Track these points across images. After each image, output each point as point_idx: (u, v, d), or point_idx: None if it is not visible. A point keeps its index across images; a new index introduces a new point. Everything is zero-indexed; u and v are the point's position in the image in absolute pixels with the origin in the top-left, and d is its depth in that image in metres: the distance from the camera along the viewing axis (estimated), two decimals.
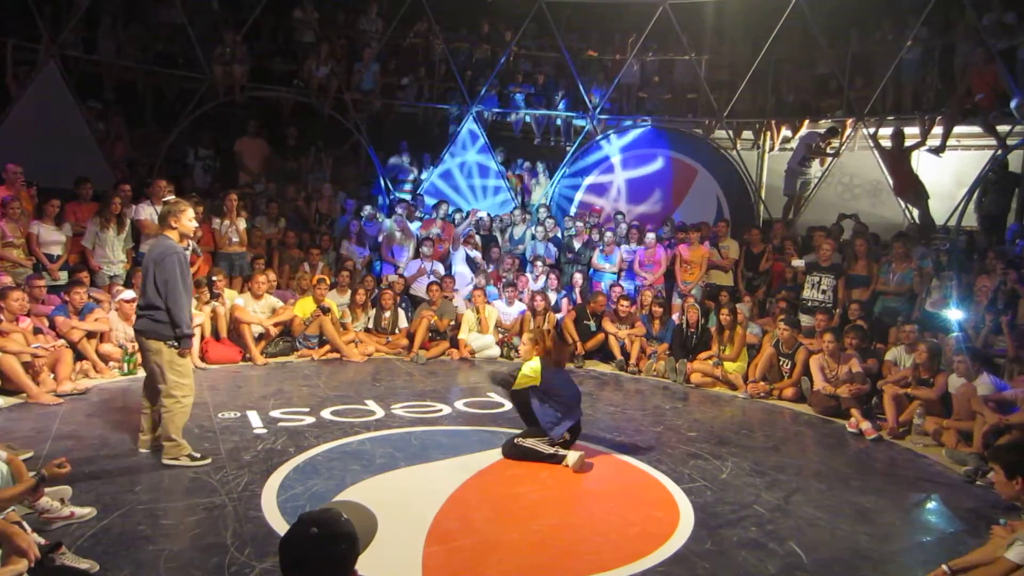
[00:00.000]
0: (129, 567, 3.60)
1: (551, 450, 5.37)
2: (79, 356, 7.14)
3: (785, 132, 13.24)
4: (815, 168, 12.18)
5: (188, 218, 5.10)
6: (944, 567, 3.64)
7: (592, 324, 9.32)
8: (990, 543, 3.71)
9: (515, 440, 5.48)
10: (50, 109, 9.73)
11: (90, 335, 7.31)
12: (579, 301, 9.91)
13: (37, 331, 6.84)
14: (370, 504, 2.27)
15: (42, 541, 3.41)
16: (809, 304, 8.68)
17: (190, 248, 8.45)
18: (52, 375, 6.62)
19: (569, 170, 13.07)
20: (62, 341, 6.94)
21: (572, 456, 5.32)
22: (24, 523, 3.45)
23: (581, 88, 13.27)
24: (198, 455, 5.04)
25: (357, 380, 7.80)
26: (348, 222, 10.73)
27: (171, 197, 5.69)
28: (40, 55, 9.84)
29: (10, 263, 7.58)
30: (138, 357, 7.21)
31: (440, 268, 10.20)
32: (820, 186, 12.09)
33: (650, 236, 10.44)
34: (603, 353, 9.28)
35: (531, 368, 5.49)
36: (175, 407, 4.98)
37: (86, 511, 4.07)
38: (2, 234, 7.58)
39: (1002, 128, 10.47)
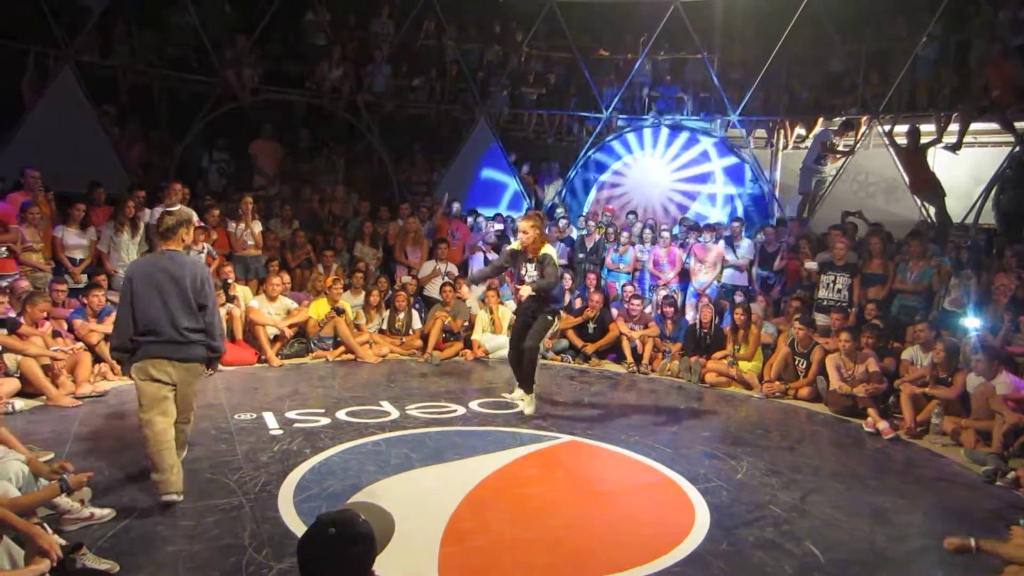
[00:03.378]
0: (148, 567, 3.63)
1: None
2: (97, 359, 7.19)
3: (799, 130, 13.17)
4: (830, 166, 12.10)
5: (194, 226, 5.28)
6: (972, 540, 3.61)
7: (591, 326, 9.31)
8: (1011, 543, 3.67)
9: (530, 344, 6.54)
10: (66, 114, 9.82)
11: (108, 338, 7.36)
12: (580, 304, 9.82)
13: (56, 334, 6.92)
14: (386, 505, 2.29)
15: (63, 542, 3.45)
16: (824, 303, 8.62)
17: (205, 250, 8.60)
18: (71, 378, 6.69)
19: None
20: (80, 344, 7.01)
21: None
22: (45, 524, 3.50)
23: (593, 88, 13.26)
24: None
25: (372, 381, 7.82)
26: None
27: (178, 206, 5.20)
28: (52, 60, 9.93)
29: (30, 267, 7.67)
30: None
31: (454, 269, 10.22)
32: (835, 184, 12.00)
33: (664, 235, 10.42)
34: (617, 353, 9.26)
35: (554, 252, 6.62)
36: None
37: (105, 512, 4.11)
38: (22, 239, 7.67)
39: (1019, 124, 10.35)
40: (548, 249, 6.55)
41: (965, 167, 11.39)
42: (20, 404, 6.14)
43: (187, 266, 4.43)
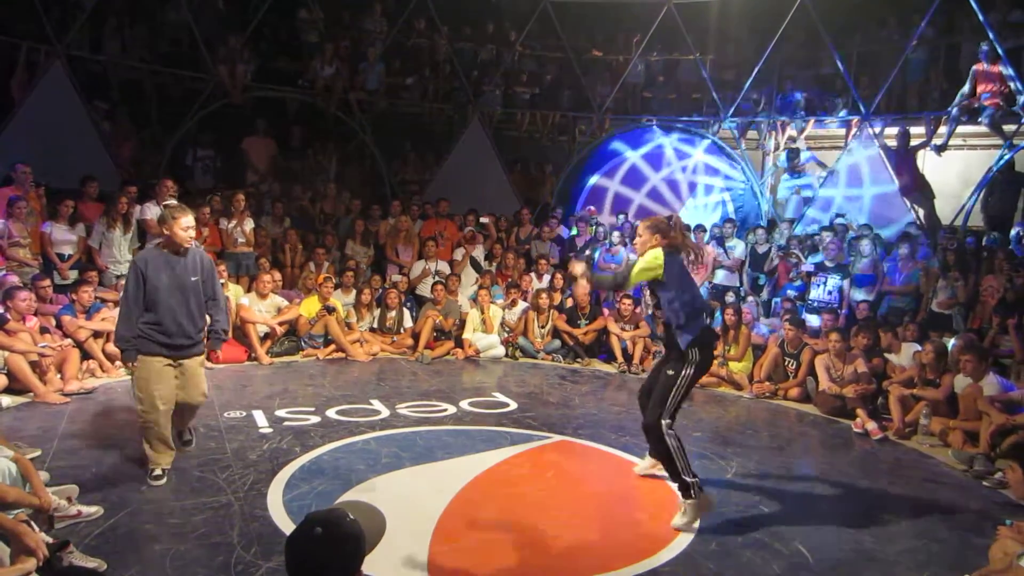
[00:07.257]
0: (136, 566, 3.62)
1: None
2: (86, 355, 7.16)
3: (790, 131, 13.21)
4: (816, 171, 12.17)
5: (181, 227, 4.63)
6: None
7: (584, 321, 9.33)
8: (996, 544, 3.70)
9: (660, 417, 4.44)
10: (57, 109, 9.75)
11: (97, 334, 7.33)
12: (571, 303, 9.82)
13: (44, 330, 6.87)
14: (375, 504, 2.28)
15: (50, 540, 3.43)
16: (815, 304, 8.66)
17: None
18: (59, 374, 6.65)
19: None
20: (69, 340, 6.96)
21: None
22: (32, 522, 3.47)
23: (586, 88, 13.27)
24: (160, 475, 4.67)
25: (362, 380, 7.81)
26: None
27: (172, 201, 5.21)
28: (43, 55, 9.84)
29: (16, 263, 7.62)
30: None
31: (445, 268, 10.21)
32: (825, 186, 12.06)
33: None
34: (607, 353, 9.27)
35: (653, 257, 4.41)
36: (139, 420, 4.69)
37: (93, 510, 4.09)
38: (9, 234, 7.62)
39: (1008, 127, 10.42)
40: (650, 253, 4.52)
41: (954, 170, 11.46)
42: (7, 401, 6.10)
43: None
